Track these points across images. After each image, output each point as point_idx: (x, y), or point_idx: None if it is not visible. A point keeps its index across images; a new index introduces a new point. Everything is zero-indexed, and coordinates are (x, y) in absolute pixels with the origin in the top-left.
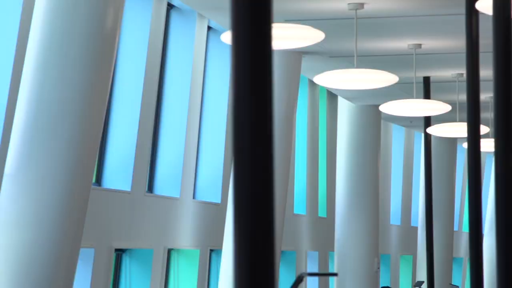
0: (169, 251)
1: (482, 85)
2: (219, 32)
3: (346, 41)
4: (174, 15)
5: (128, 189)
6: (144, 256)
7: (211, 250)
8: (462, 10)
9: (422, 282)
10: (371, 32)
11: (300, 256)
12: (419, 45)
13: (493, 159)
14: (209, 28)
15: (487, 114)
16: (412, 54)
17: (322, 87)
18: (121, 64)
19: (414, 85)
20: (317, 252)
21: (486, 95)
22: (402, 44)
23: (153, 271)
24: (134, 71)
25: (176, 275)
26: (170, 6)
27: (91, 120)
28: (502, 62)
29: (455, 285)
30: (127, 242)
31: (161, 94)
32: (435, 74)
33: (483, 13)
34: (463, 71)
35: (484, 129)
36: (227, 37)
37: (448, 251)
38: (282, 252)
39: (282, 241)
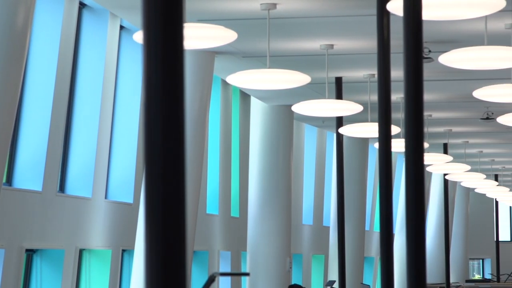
0: (81, 251)
1: (393, 85)
2: (131, 32)
3: (258, 41)
4: (86, 14)
5: (39, 189)
6: (55, 257)
7: (123, 250)
8: (374, 11)
9: (334, 281)
10: (283, 32)
11: (212, 256)
12: (331, 46)
13: (404, 159)
14: (121, 27)
15: (398, 114)
16: (324, 55)
17: (235, 87)
18: (33, 63)
19: (327, 85)
20: (230, 252)
21: (397, 96)
22: (315, 44)
23: (64, 271)
24: (45, 69)
25: (87, 275)
26: (82, 5)
27: (2, 119)
28: (412, 63)
29: (366, 284)
30: (38, 242)
31: (73, 93)
32: (347, 74)
33: (394, 14)
34: (375, 71)
35: (395, 129)
36: (139, 37)
37: (359, 250)
38: (195, 252)
39: (194, 241)
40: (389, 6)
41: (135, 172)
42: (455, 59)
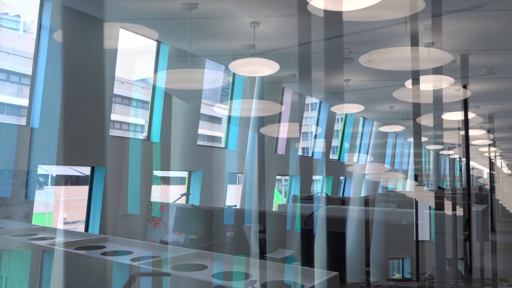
0: (0, 252)
1: (313, 86)
2: (52, 31)
3: (180, 41)
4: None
5: None
6: None
7: (43, 251)
8: (295, 11)
9: (255, 281)
10: (205, 32)
11: (133, 256)
12: (253, 46)
13: (324, 159)
14: (41, 26)
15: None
16: (246, 55)
17: (158, 87)
18: None
19: (248, 85)
20: (151, 252)
21: (318, 96)
22: (236, 44)
23: None
24: None
25: (7, 276)
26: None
27: None
28: (333, 63)
29: (287, 284)
30: None
31: None
32: (269, 74)
33: (315, 15)
34: (296, 72)
35: (318, 129)
36: (59, 36)
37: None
38: (116, 252)
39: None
40: (310, 7)
41: (56, 171)
42: (376, 59)
